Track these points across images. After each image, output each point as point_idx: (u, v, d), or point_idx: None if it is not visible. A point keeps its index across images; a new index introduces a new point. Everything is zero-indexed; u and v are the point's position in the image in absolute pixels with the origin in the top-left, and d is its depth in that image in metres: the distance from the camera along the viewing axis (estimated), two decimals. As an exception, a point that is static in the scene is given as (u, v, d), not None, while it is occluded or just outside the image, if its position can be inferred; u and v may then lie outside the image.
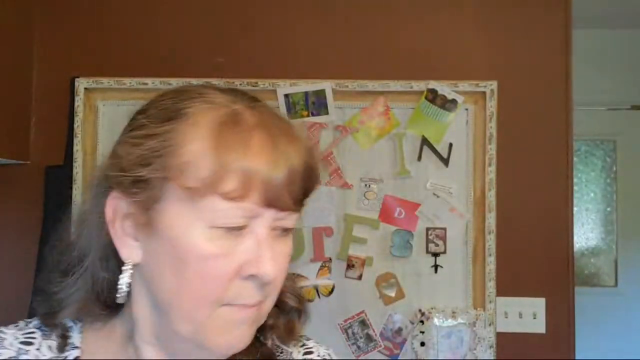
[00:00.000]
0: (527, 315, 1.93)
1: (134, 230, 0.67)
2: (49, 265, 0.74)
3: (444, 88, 1.93)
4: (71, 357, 0.72)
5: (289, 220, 0.67)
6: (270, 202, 0.63)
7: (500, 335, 1.90)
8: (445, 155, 1.93)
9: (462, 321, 1.90)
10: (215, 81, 1.94)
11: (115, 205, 0.67)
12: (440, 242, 1.92)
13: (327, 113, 1.96)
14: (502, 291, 1.90)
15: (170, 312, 0.65)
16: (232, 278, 0.64)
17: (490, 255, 1.89)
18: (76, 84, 1.97)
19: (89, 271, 0.71)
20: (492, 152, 1.91)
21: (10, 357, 0.71)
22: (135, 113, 0.73)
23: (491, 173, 1.91)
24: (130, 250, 0.67)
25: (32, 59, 2.01)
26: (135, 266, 0.68)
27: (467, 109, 1.94)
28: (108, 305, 0.71)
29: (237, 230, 0.64)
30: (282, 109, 1.95)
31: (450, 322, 1.90)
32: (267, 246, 0.64)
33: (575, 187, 3.18)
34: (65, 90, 1.99)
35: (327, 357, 0.80)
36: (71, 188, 1.94)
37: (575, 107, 1.99)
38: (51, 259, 0.74)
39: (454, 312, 1.90)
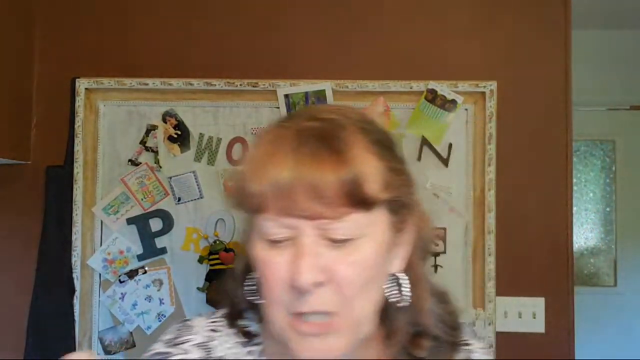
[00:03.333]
0: (527, 314, 1.93)
1: None
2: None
3: (443, 88, 1.94)
4: (255, 349, 0.79)
5: (336, 229, 0.68)
6: (287, 211, 0.67)
7: (499, 335, 1.91)
8: (445, 156, 1.94)
9: (461, 320, 1.90)
10: (215, 81, 1.95)
11: None
12: (440, 242, 1.93)
13: (327, 113, 1.96)
14: (501, 291, 1.91)
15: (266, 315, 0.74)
16: (284, 285, 0.68)
17: (489, 255, 1.90)
18: (77, 84, 1.97)
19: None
20: (492, 152, 1.91)
21: (202, 342, 0.79)
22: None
23: (491, 173, 1.91)
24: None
25: (33, 59, 2.02)
26: None
27: (466, 109, 1.95)
28: None
29: (281, 242, 0.69)
30: (282, 109, 1.95)
31: (450, 321, 1.90)
32: (305, 255, 0.67)
33: (574, 187, 3.19)
34: (66, 90, 1.99)
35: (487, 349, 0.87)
36: (72, 188, 1.94)
37: (574, 108, 1.99)
38: None
39: (453, 312, 1.90)
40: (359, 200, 0.67)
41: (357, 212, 0.68)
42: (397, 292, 0.75)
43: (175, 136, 1.97)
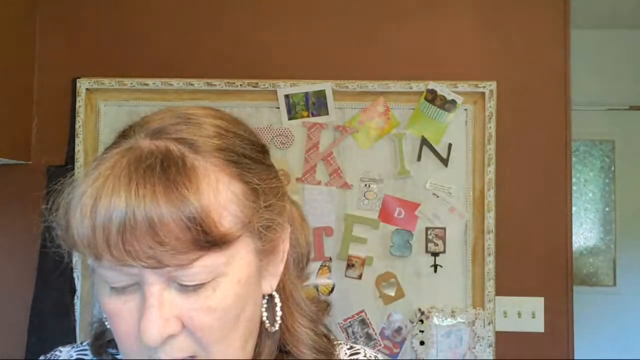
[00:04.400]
0: (526, 314, 1.93)
1: None
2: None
3: (443, 88, 1.94)
4: None
5: (185, 276, 0.58)
6: (123, 261, 0.57)
7: (499, 335, 1.91)
8: (444, 156, 1.94)
9: (461, 320, 1.90)
10: (216, 82, 1.95)
11: None
12: (439, 242, 1.93)
13: (327, 113, 1.96)
14: (501, 290, 1.91)
15: None
16: (135, 335, 0.59)
17: (489, 254, 1.90)
18: (77, 84, 1.98)
19: None
20: (492, 152, 1.92)
21: None
22: None
23: (490, 173, 1.92)
24: None
25: (34, 59, 2.02)
26: None
27: (466, 110, 1.95)
28: None
29: (126, 288, 0.60)
30: (283, 110, 1.96)
31: (449, 321, 1.91)
32: (150, 307, 0.58)
33: (574, 187, 3.20)
34: (67, 91, 1.99)
35: (373, 357, 0.77)
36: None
37: (574, 108, 2.00)
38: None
39: (453, 312, 1.91)
40: (208, 242, 0.57)
41: (208, 254, 0.58)
42: (270, 314, 0.68)
43: (176, 136, 1.97)
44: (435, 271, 1.93)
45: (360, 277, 1.94)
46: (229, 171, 0.61)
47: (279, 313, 0.68)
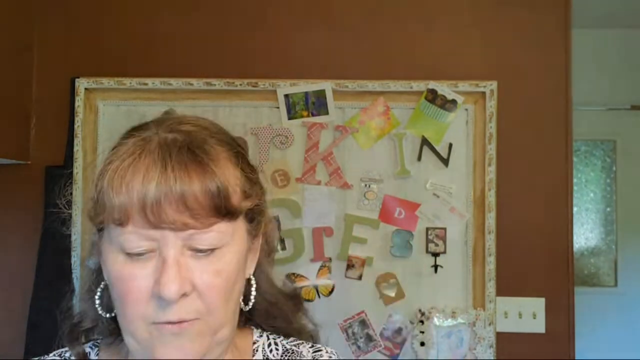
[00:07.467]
0: (527, 315, 1.93)
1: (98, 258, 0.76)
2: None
3: (443, 88, 1.93)
4: None
5: (202, 240, 0.69)
6: (154, 223, 0.67)
7: (500, 335, 1.90)
8: (445, 155, 1.93)
9: (462, 321, 1.90)
10: (215, 81, 1.94)
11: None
12: (440, 242, 1.92)
13: (327, 113, 1.96)
14: (501, 291, 1.91)
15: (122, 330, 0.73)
16: (147, 297, 0.68)
17: (490, 255, 1.89)
18: (76, 84, 1.97)
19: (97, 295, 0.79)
20: (492, 152, 1.91)
21: None
22: None
23: (491, 173, 1.91)
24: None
25: (33, 59, 2.01)
26: None
27: (467, 109, 1.95)
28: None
29: (142, 255, 0.69)
30: (282, 109, 1.95)
31: (450, 321, 1.90)
32: (171, 267, 0.67)
33: (575, 187, 3.19)
34: (66, 90, 1.99)
35: (334, 357, 0.86)
36: (71, 188, 1.94)
37: (575, 107, 1.99)
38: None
39: (453, 312, 1.90)
40: (225, 210, 0.70)
41: (222, 222, 0.70)
42: (247, 294, 0.80)
43: (175, 136, 1.97)
44: (436, 271, 1.93)
45: (360, 277, 1.93)
46: (233, 160, 0.74)
47: (254, 293, 0.80)
